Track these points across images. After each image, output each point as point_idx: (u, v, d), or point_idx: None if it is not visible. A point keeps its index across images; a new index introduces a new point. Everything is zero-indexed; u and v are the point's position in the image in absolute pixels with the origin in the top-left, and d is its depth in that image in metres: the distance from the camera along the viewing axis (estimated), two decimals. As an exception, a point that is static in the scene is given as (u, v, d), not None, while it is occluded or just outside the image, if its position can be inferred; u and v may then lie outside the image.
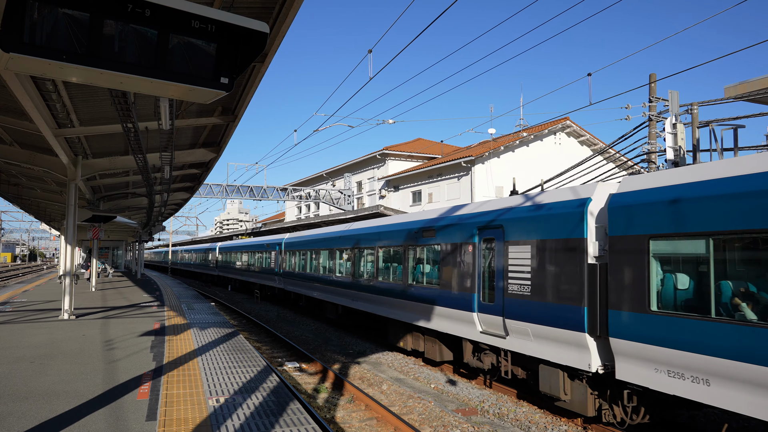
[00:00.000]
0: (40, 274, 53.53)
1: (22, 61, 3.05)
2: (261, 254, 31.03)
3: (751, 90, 12.20)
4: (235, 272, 37.74)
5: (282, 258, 26.54)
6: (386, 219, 16.51)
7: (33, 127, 11.41)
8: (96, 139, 14.29)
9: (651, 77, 15.20)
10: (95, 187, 21.78)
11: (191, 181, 23.46)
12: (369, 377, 12.51)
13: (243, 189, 36.70)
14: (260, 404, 7.33)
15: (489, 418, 9.70)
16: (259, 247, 31.80)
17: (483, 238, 11.04)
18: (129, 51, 3.28)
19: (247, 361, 10.17)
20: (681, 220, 7.11)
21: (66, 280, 15.45)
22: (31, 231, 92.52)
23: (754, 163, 6.50)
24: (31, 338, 12.05)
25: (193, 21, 3.37)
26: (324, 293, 20.28)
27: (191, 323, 15.10)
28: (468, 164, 33.24)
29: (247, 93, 10.63)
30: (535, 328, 9.34)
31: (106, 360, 9.85)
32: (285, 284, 26.07)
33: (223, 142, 15.40)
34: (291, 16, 7.14)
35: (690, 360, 6.81)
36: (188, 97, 3.72)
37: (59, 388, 7.84)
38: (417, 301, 13.30)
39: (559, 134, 35.78)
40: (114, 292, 25.34)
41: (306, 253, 22.66)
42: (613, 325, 7.88)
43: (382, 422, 9.31)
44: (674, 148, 13.05)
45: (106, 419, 6.47)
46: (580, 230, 8.57)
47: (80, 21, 3.10)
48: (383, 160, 43.29)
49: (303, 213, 58.70)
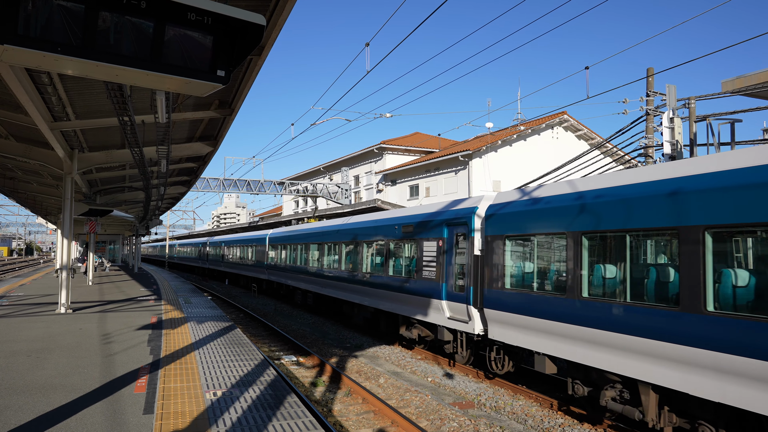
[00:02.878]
0: (36, 268, 53.43)
1: (16, 53, 3.03)
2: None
3: (748, 84, 12.19)
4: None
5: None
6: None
7: (28, 120, 11.35)
8: (92, 132, 14.23)
9: (648, 71, 15.19)
10: (92, 180, 21.70)
11: (188, 175, 23.39)
12: (366, 371, 12.55)
13: (240, 183, 36.62)
14: (257, 397, 7.34)
15: (486, 411, 9.74)
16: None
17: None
18: (125, 43, 3.25)
19: (245, 354, 10.18)
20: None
21: (63, 274, 15.42)
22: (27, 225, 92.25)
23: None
24: (28, 332, 12.04)
25: (189, 13, 3.35)
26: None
27: (188, 317, 15.10)
28: (465, 158, 33.22)
29: (243, 86, 10.58)
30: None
31: (103, 353, 9.85)
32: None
33: (219, 136, 15.35)
34: (288, 9, 7.10)
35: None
36: (185, 90, 3.70)
37: (56, 382, 7.84)
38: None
39: (557, 128, 35.76)
40: (111, 286, 25.32)
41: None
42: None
43: (379, 415, 9.34)
44: (671, 143, 13.06)
45: (104, 412, 6.48)
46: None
47: (75, 13, 3.07)
48: (380, 154, 43.23)
49: (300, 207, 58.63)
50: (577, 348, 8.74)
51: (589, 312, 8.44)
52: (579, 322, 8.62)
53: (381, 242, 16.01)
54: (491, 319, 10.89)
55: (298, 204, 59.33)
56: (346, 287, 18.31)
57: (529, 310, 9.72)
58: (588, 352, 8.52)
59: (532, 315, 9.65)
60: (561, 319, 8.97)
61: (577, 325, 8.64)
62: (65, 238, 15.35)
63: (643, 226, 7.71)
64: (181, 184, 25.98)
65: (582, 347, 8.63)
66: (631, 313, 7.71)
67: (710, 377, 6.71)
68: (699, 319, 6.78)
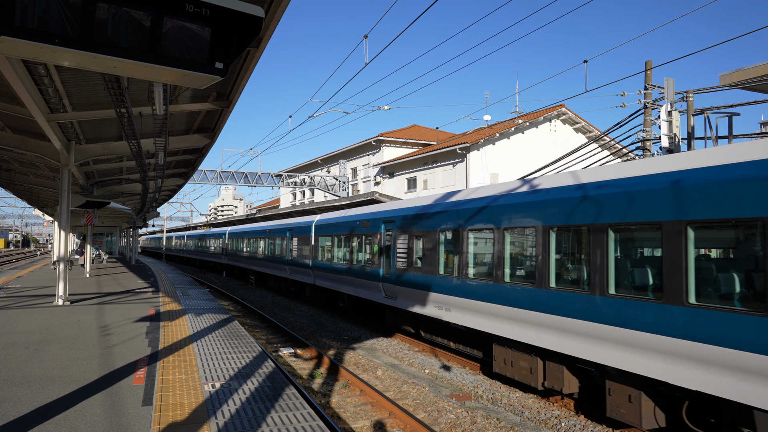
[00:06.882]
0: (33, 260, 53.34)
1: (13, 45, 3.01)
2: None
3: (746, 78, 12.18)
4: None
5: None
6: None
7: (25, 111, 11.28)
8: (89, 124, 14.16)
9: (647, 64, 15.16)
10: (89, 172, 21.63)
11: (185, 167, 23.32)
12: (364, 363, 12.60)
13: (237, 175, 36.55)
14: (256, 389, 7.37)
15: (483, 403, 9.79)
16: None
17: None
18: (122, 35, 3.23)
19: (243, 346, 10.21)
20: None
21: (60, 266, 15.41)
22: (24, 217, 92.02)
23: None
24: (26, 324, 12.04)
25: (187, 5, 3.33)
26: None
27: (186, 309, 15.12)
28: (463, 151, 33.19)
29: (241, 78, 10.53)
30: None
31: (101, 345, 9.86)
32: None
33: (217, 128, 15.30)
34: (286, 1, 7.06)
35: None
36: (182, 82, 3.69)
37: (55, 374, 7.86)
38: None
39: (555, 121, 35.73)
40: (109, 278, 25.31)
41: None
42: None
43: (377, 407, 9.39)
44: (669, 136, 13.07)
45: (103, 404, 6.50)
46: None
47: (72, 4, 3.05)
48: (378, 146, 43.16)
49: (298, 199, 58.58)
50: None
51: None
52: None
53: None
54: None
55: (296, 197, 59.27)
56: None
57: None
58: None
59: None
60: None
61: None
62: (62, 230, 15.31)
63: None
64: (178, 176, 25.91)
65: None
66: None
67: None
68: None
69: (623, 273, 7.87)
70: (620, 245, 8.01)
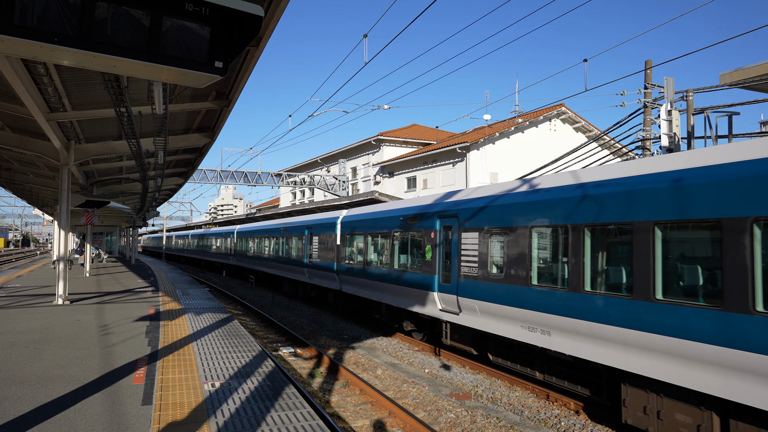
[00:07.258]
0: (33, 260, 53.34)
1: (12, 44, 3.01)
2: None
3: (746, 77, 12.18)
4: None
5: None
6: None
7: (25, 111, 11.28)
8: (89, 123, 14.16)
9: (647, 64, 15.16)
10: (88, 172, 21.63)
11: (185, 167, 23.32)
12: (363, 362, 12.60)
13: (237, 174, 36.54)
14: (256, 389, 7.37)
15: (482, 402, 9.80)
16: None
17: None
18: (122, 34, 3.23)
19: (242, 346, 10.21)
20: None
21: (60, 266, 15.40)
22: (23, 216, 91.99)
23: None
24: (26, 323, 12.04)
25: (187, 4, 3.32)
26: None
27: (186, 308, 15.12)
28: (463, 150, 33.19)
29: (241, 77, 10.53)
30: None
31: (101, 345, 9.86)
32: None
33: (217, 127, 15.30)
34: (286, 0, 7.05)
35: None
36: (182, 81, 3.69)
37: (54, 373, 7.86)
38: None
39: (555, 121, 35.72)
40: (108, 278, 25.31)
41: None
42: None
43: (376, 406, 9.39)
44: (669, 135, 13.06)
45: (102, 403, 6.50)
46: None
47: (72, 3, 3.05)
48: (378, 145, 43.14)
49: (297, 199, 58.56)
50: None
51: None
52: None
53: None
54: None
55: (295, 196, 59.26)
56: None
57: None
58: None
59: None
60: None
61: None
62: (62, 229, 15.31)
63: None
64: (178, 176, 25.91)
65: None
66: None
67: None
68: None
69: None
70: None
